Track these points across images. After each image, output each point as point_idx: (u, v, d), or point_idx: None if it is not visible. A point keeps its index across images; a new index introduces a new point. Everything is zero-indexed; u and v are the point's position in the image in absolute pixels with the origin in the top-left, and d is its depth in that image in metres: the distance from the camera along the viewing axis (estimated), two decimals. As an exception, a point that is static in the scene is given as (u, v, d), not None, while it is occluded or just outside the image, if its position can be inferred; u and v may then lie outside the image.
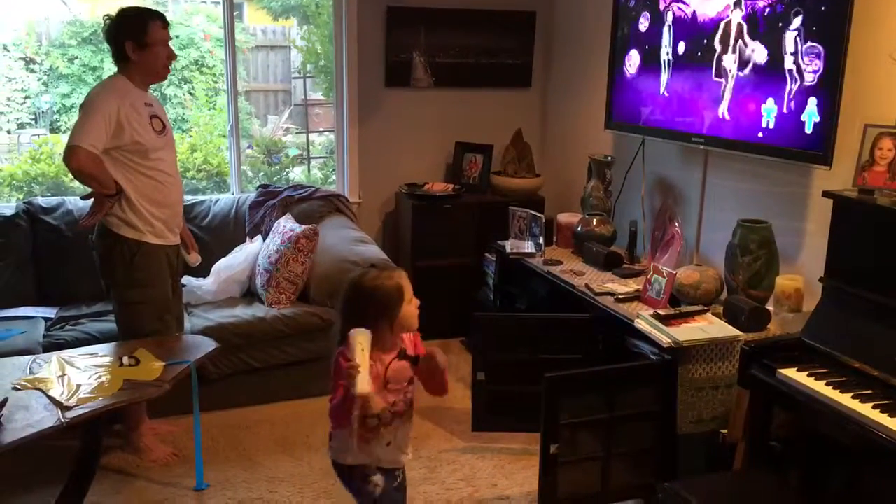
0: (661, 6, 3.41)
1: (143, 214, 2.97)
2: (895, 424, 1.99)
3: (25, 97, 4.91)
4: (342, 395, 1.94)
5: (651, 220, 3.75)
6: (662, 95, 3.45)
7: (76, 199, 3.80)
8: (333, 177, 4.76)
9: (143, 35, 2.90)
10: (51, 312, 3.57)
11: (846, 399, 2.13)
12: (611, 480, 2.80)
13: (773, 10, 2.84)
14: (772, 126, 2.90)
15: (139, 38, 2.89)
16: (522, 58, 4.76)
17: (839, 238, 2.47)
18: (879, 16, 2.64)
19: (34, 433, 2.23)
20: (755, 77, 2.95)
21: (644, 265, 3.57)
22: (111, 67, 3.04)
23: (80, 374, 2.60)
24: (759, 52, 2.92)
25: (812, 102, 2.73)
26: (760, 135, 2.94)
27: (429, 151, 4.74)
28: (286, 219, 4.00)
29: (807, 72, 2.73)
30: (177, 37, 4.54)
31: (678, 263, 3.37)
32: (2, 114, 4.82)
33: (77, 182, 3.25)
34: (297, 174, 5.13)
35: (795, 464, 2.51)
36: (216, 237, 4.05)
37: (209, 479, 3.01)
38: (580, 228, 3.84)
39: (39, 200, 3.88)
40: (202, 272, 3.77)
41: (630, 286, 3.30)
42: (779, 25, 2.82)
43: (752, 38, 2.94)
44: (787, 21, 2.78)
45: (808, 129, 2.75)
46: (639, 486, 2.85)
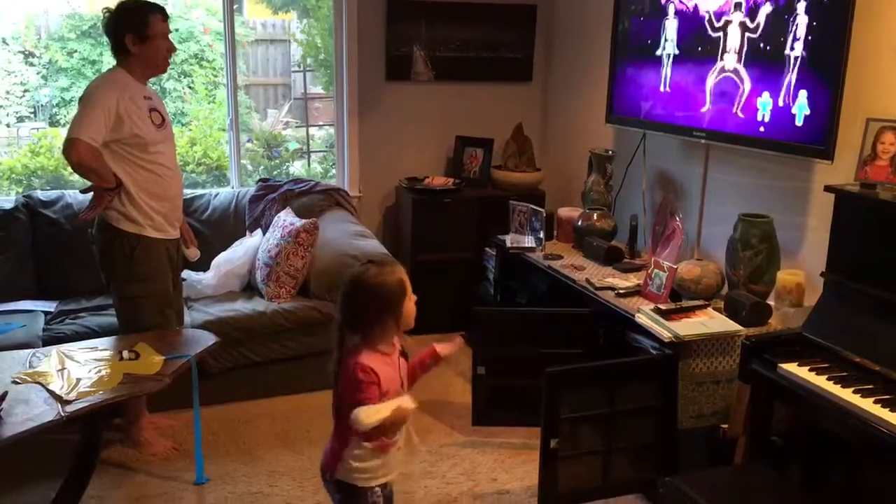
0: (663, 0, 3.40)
1: (143, 208, 2.96)
2: (896, 419, 1.99)
3: (24, 90, 4.90)
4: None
5: (652, 215, 3.75)
6: (663, 89, 3.44)
7: (76, 193, 3.80)
8: (333, 171, 4.75)
9: (144, 28, 2.89)
10: (50, 306, 3.57)
11: (847, 394, 2.12)
12: (611, 475, 2.80)
13: (775, 4, 2.83)
14: (768, 119, 2.90)
15: (140, 31, 2.88)
16: (523, 52, 4.75)
17: (841, 233, 2.47)
18: (882, 9, 2.63)
19: (34, 427, 2.23)
20: (755, 71, 2.94)
21: (645, 260, 3.57)
22: (110, 61, 3.03)
23: (80, 368, 2.60)
24: (760, 46, 2.91)
25: (802, 95, 2.73)
26: (762, 129, 2.94)
27: (429, 145, 4.73)
28: (286, 213, 3.99)
29: (806, 65, 2.72)
30: (176, 30, 4.53)
31: (679, 258, 3.37)
32: (1, 107, 4.81)
33: (76, 176, 3.24)
34: (297, 168, 5.12)
35: (796, 458, 2.50)
36: (216, 231, 4.04)
37: (209, 473, 3.01)
38: (581, 223, 3.84)
39: (39, 194, 3.87)
40: (202, 266, 3.76)
41: (631, 281, 3.30)
42: (780, 19, 2.81)
43: (753, 32, 2.93)
44: (789, 14, 2.77)
45: (799, 122, 2.75)
46: (639, 481, 2.85)
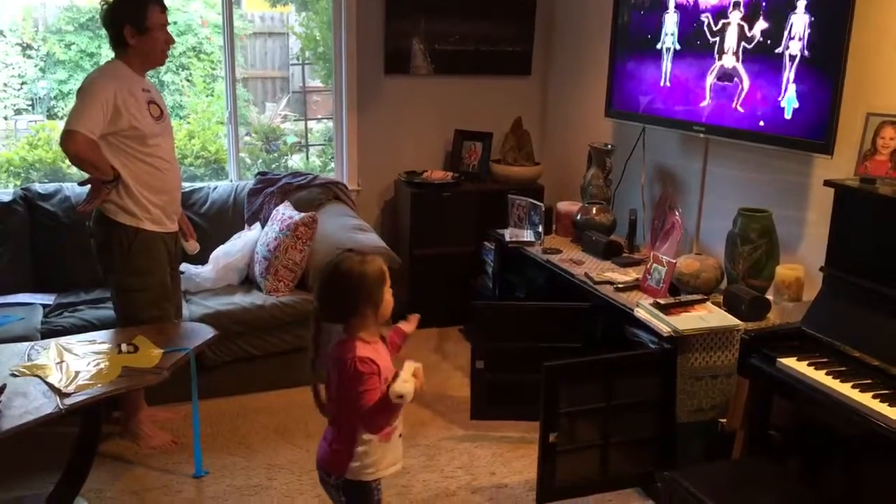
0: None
1: (141, 201, 2.96)
2: (895, 414, 1.99)
3: (22, 83, 4.88)
4: (380, 400, 1.89)
5: (651, 209, 3.75)
6: (663, 83, 3.43)
7: (74, 186, 3.78)
8: (332, 164, 4.74)
9: (143, 19, 2.88)
10: (49, 299, 3.56)
11: (846, 388, 2.13)
12: (610, 469, 2.81)
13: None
14: (768, 114, 2.89)
15: (138, 23, 2.87)
16: (522, 45, 4.74)
17: (840, 227, 2.47)
18: (882, 4, 2.63)
19: (32, 420, 2.22)
20: (755, 65, 2.93)
21: (644, 254, 3.57)
22: (108, 53, 3.01)
23: (79, 361, 2.59)
24: (760, 40, 2.90)
25: (792, 89, 2.74)
26: (761, 123, 2.93)
27: (428, 139, 4.72)
28: (285, 206, 3.98)
29: (805, 59, 2.71)
30: (174, 23, 4.51)
31: (678, 252, 3.37)
32: (-1, 100, 4.80)
33: (75, 168, 3.23)
34: (296, 161, 5.10)
35: (795, 453, 2.51)
36: (214, 225, 4.03)
37: (208, 466, 3.01)
38: (580, 217, 3.84)
39: (37, 187, 3.86)
40: (200, 260, 3.75)
41: (630, 275, 3.30)
42: (780, 13, 2.80)
43: (753, 27, 2.93)
44: (789, 8, 2.77)
45: (788, 115, 2.76)
46: (638, 475, 2.86)
